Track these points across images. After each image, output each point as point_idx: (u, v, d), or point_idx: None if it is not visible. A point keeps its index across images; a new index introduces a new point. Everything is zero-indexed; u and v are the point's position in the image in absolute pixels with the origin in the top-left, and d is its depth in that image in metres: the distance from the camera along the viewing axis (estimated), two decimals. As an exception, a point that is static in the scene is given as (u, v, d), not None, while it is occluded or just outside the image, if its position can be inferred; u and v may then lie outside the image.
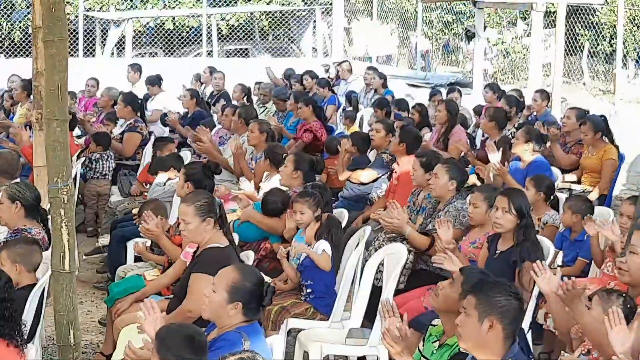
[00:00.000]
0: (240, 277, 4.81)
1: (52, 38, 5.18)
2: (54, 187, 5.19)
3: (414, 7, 24.14)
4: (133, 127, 11.28)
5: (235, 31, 25.03)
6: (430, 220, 7.50)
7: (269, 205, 7.73)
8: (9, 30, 24.11)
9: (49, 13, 5.17)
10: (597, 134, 9.63)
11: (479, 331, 4.20)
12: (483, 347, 4.22)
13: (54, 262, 5.23)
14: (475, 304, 4.23)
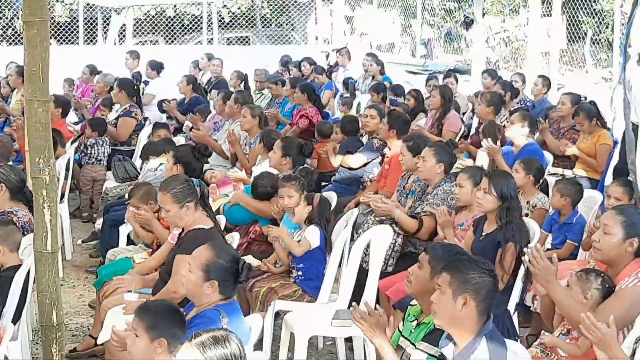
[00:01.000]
0: (214, 255, 4.86)
1: (33, 19, 5.19)
2: (36, 168, 5.18)
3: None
4: (128, 112, 11.30)
5: (237, 19, 25.03)
6: (419, 203, 7.50)
7: (258, 188, 7.74)
8: (11, 18, 24.12)
9: (30, -7, 5.17)
10: (592, 121, 9.64)
11: (452, 308, 4.21)
12: (457, 323, 4.23)
13: (36, 243, 5.23)
14: (449, 281, 4.25)
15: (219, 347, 3.72)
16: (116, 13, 22.80)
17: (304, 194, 7.04)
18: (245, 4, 24.96)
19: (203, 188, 6.35)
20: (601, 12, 23.03)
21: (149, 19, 23.91)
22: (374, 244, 6.61)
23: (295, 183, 7.04)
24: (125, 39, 22.26)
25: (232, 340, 3.76)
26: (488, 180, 6.42)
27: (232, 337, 3.78)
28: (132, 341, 4.33)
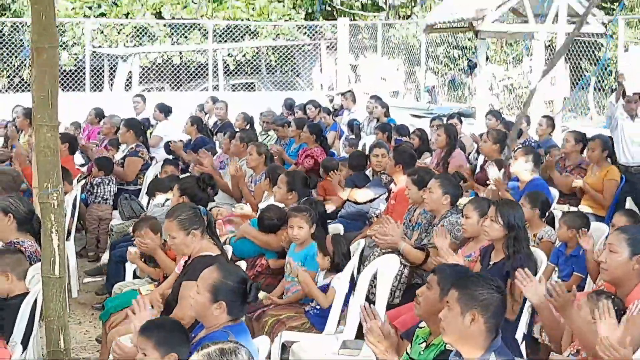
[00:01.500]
0: (221, 276, 4.86)
1: (43, 45, 5.24)
2: (45, 193, 5.22)
3: (419, 42, 24.27)
4: (134, 151, 11.35)
5: (242, 67, 25.22)
6: (425, 235, 7.52)
7: (265, 221, 7.76)
8: (18, 68, 24.33)
9: (40, 20, 5.23)
10: (604, 151, 9.70)
11: (461, 324, 4.21)
12: (466, 340, 4.23)
13: (44, 268, 5.24)
14: (457, 297, 4.25)
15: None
16: (122, 60, 22.98)
17: (313, 226, 7.06)
18: (250, 52, 25.12)
19: (210, 216, 6.38)
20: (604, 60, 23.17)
21: (155, 67, 24.08)
22: (381, 273, 6.61)
23: (305, 214, 7.07)
24: (131, 85, 22.39)
25: (240, 353, 3.74)
26: (495, 209, 6.45)
27: (241, 350, 3.76)
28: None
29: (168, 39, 24.46)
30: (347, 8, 26.57)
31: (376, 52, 24.29)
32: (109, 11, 24.52)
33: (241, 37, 24.88)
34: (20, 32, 23.65)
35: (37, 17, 5.25)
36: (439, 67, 26.09)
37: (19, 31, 23.65)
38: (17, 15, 24.38)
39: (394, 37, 24.89)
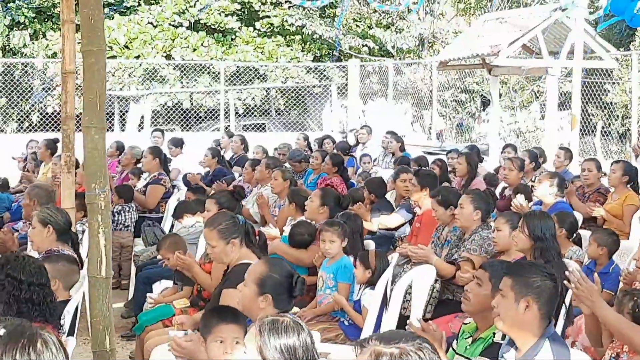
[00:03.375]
0: (268, 270, 4.92)
1: (91, 48, 5.33)
2: (92, 194, 5.27)
3: (427, 87, 24.46)
4: (156, 179, 11.42)
5: (251, 110, 25.40)
6: (455, 250, 7.56)
7: (296, 237, 7.81)
8: (28, 112, 24.49)
9: (88, 24, 5.33)
10: (624, 176, 9.78)
11: (515, 311, 4.25)
12: (520, 327, 4.26)
13: (90, 268, 5.28)
14: (512, 284, 4.29)
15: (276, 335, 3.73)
16: (134, 102, 23.13)
17: (345, 240, 7.11)
18: (259, 95, 25.31)
19: (248, 226, 6.42)
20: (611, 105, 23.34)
21: (164, 110, 24.25)
22: (416, 284, 6.65)
23: (337, 228, 7.12)
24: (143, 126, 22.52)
25: (294, 331, 3.76)
26: (523, 220, 6.52)
27: (297, 328, 3.77)
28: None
29: (178, 83, 24.65)
30: (355, 52, 26.80)
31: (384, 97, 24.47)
32: (120, 53, 24.71)
33: (250, 81, 25.09)
34: (30, 76, 23.84)
35: (85, 20, 5.35)
36: (447, 111, 26.27)
37: (29, 75, 23.84)
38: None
39: (401, 81, 25.10)
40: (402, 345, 2.97)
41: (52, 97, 24.15)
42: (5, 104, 24.10)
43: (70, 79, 8.67)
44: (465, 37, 17.25)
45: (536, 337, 4.23)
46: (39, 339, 2.82)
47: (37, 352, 2.79)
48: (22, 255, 5.13)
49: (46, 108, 24.25)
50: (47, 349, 2.82)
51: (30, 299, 4.84)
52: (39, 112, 24.46)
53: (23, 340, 2.79)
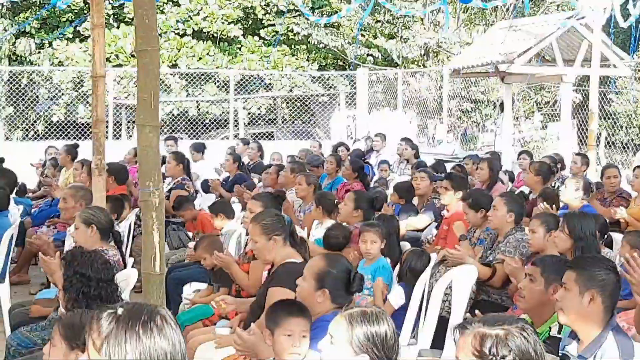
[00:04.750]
0: (326, 265, 5.00)
1: (145, 48, 5.38)
2: (146, 191, 5.31)
3: (432, 96, 24.54)
4: (180, 184, 11.47)
5: (256, 119, 25.47)
6: (490, 252, 7.61)
7: (331, 239, 7.84)
8: (33, 121, 24.54)
9: (143, 24, 5.38)
10: None
11: (579, 304, 4.30)
12: (584, 319, 4.31)
13: (145, 265, 5.31)
14: (576, 278, 4.34)
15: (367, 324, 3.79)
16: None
17: (384, 241, 7.16)
18: (265, 103, 25.38)
19: (294, 227, 6.46)
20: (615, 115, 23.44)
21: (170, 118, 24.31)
22: (457, 283, 6.70)
23: (378, 229, 7.17)
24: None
25: (383, 321, 3.82)
26: (563, 219, 6.59)
27: (384, 317, 3.83)
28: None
29: (184, 92, 24.72)
30: (360, 62, 26.89)
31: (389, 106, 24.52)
32: (126, 62, 24.78)
33: (256, 90, 25.17)
34: (36, 85, 23.89)
35: (140, 21, 5.40)
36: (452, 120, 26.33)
37: (36, 84, 23.89)
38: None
39: (407, 90, 25.16)
40: (506, 326, 3.01)
41: (58, 106, 24.19)
42: (12, 112, 24.12)
43: (100, 83, 8.70)
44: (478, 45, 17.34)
45: (600, 328, 4.29)
46: (158, 315, 2.89)
47: (158, 327, 2.85)
48: (88, 251, 5.17)
49: (51, 117, 24.29)
50: (167, 323, 2.88)
51: (99, 295, 4.90)
52: (44, 121, 24.51)
53: (143, 317, 2.86)
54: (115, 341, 2.81)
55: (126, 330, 2.83)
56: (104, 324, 2.87)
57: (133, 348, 2.80)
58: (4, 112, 23.99)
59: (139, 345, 2.81)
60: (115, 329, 2.84)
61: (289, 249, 6.24)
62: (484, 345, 3.01)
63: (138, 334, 2.82)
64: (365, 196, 8.67)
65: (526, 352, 3.00)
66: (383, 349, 3.74)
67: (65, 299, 5.05)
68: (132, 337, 2.82)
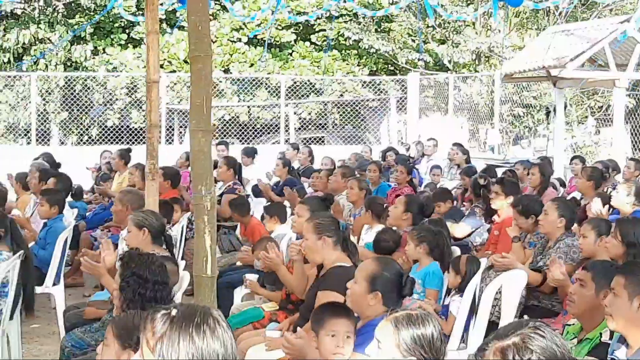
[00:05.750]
0: (379, 268, 5.05)
1: (199, 54, 5.47)
2: (198, 195, 5.40)
3: (484, 100, 24.44)
4: (231, 189, 11.57)
5: (307, 124, 25.55)
6: (540, 257, 7.59)
7: (381, 243, 7.88)
8: (87, 127, 24.83)
9: (196, 31, 5.47)
10: None
11: (629, 310, 4.28)
12: (634, 325, 4.29)
13: (196, 267, 5.40)
14: (625, 283, 4.33)
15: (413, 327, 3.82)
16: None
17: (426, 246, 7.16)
18: (315, 109, 25.45)
19: (348, 232, 6.52)
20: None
21: (222, 123, 24.46)
22: (506, 288, 6.70)
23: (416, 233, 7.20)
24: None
25: (429, 322, 3.85)
26: (615, 225, 6.55)
27: (430, 319, 3.86)
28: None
29: (235, 97, 24.87)
30: (411, 67, 26.88)
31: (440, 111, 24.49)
32: (179, 68, 25.00)
33: (306, 95, 25.26)
34: (90, 91, 24.17)
35: (193, 27, 5.49)
36: (504, 125, 26.19)
37: (90, 90, 24.17)
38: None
39: (458, 95, 25.09)
40: (519, 331, 3.02)
41: (112, 111, 24.46)
42: (67, 117, 24.44)
43: (154, 89, 8.82)
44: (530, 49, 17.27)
45: (649, 334, 4.28)
46: (211, 316, 2.95)
47: (211, 328, 2.91)
48: (144, 253, 5.27)
49: (106, 122, 24.57)
50: (219, 325, 2.94)
51: (154, 297, 4.99)
52: (98, 126, 24.79)
53: (196, 318, 2.92)
54: (169, 341, 2.88)
55: (180, 331, 2.89)
56: (158, 324, 2.94)
57: (186, 348, 2.86)
58: (59, 117, 24.26)
59: (192, 346, 2.87)
60: (169, 329, 2.90)
61: (339, 253, 6.29)
62: (506, 356, 3.01)
63: (191, 334, 2.88)
64: (416, 200, 8.71)
65: (547, 348, 2.99)
66: (430, 350, 3.77)
67: (121, 299, 5.14)
68: (186, 337, 2.87)
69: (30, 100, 22.47)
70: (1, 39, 24.40)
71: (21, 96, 23.23)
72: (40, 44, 24.65)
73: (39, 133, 22.63)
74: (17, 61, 24.66)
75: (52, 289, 8.92)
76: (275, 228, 9.28)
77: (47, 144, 23.06)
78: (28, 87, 22.45)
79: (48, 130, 23.80)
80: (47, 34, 24.56)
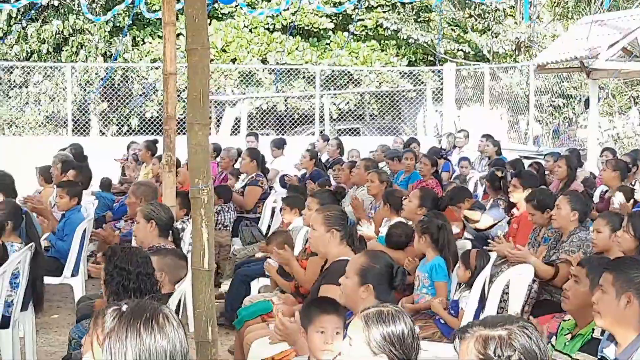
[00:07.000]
0: (369, 260, 5.05)
1: (195, 47, 5.45)
2: (195, 188, 5.40)
3: (523, 91, 24.22)
4: (254, 180, 11.59)
5: (345, 115, 25.50)
6: (554, 251, 7.51)
7: (393, 237, 7.84)
8: (127, 117, 25.00)
9: (192, 23, 5.46)
10: None
11: (616, 307, 4.22)
12: (621, 322, 4.23)
13: (194, 260, 5.40)
14: (613, 280, 4.27)
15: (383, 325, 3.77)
16: (230, 106, 23.44)
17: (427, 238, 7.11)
18: (353, 99, 25.39)
19: (355, 229, 6.51)
20: None
21: (259, 114, 24.49)
22: (513, 283, 6.64)
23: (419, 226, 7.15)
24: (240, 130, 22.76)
25: (400, 320, 3.79)
26: (627, 220, 6.46)
27: (401, 316, 3.81)
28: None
29: (273, 86, 24.89)
30: (450, 57, 26.71)
31: (479, 102, 24.31)
32: (217, 56, 25.06)
33: (344, 85, 25.21)
34: (129, 82, 24.32)
35: (189, 20, 5.48)
36: (544, 116, 25.97)
37: (129, 81, 24.32)
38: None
39: (497, 85, 24.90)
40: (508, 326, 2.98)
41: (151, 102, 24.59)
42: (106, 108, 24.62)
43: (171, 81, 8.88)
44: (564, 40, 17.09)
45: (637, 332, 4.21)
46: (161, 313, 2.94)
47: (160, 325, 2.90)
48: (128, 246, 5.30)
49: (145, 113, 24.71)
50: (168, 322, 2.92)
51: (138, 288, 5.04)
52: (138, 117, 24.95)
53: (146, 314, 2.91)
54: (117, 337, 2.87)
55: (127, 327, 2.88)
56: (108, 319, 2.93)
57: (133, 345, 2.85)
58: (98, 108, 24.46)
59: (140, 343, 2.85)
60: (118, 325, 2.89)
61: (345, 248, 6.29)
62: (487, 347, 2.97)
63: (139, 331, 2.87)
64: (430, 194, 8.63)
65: (531, 350, 2.96)
66: (401, 347, 3.73)
67: (106, 292, 5.20)
68: (133, 334, 2.86)
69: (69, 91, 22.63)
70: (40, 30, 24.62)
71: (61, 87, 23.43)
72: (79, 35, 24.84)
73: (79, 124, 22.80)
74: (55, 52, 24.90)
75: (70, 280, 8.99)
76: (293, 220, 9.24)
77: (87, 134, 23.24)
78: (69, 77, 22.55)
79: (88, 121, 23.98)
80: (86, 24, 24.74)
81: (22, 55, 24.86)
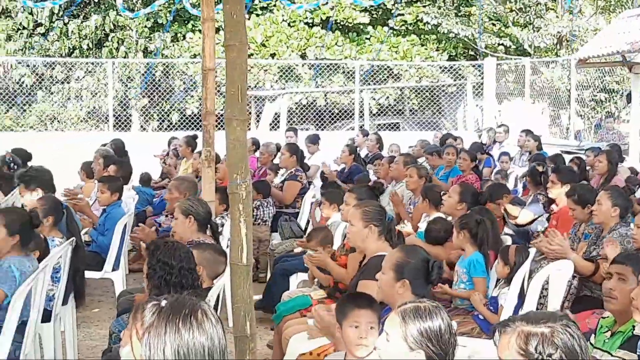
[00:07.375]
0: (404, 255, 5.04)
1: (233, 43, 5.46)
2: (233, 184, 5.40)
3: (565, 85, 24.04)
4: (293, 175, 11.62)
5: (385, 110, 25.45)
6: (594, 247, 7.45)
7: (432, 233, 7.82)
8: (168, 112, 25.11)
9: (230, 19, 5.47)
10: None
11: None
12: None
13: (232, 256, 5.41)
14: None
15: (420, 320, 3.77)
16: (269, 102, 23.49)
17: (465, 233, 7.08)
18: (393, 94, 25.33)
19: (393, 225, 6.49)
20: None
21: (299, 108, 24.51)
22: (553, 279, 6.59)
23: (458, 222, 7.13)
24: (279, 125, 22.81)
25: (437, 315, 3.79)
26: None
27: (438, 312, 3.81)
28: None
29: (312, 82, 24.90)
30: (491, 51, 26.56)
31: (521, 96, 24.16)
32: (257, 51, 25.11)
33: (384, 80, 25.15)
34: (170, 77, 24.43)
35: (227, 16, 5.48)
36: (585, 111, 25.77)
37: (169, 76, 24.43)
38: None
39: (538, 80, 24.74)
40: (550, 324, 2.97)
41: (192, 98, 24.69)
42: (147, 103, 24.76)
43: (210, 76, 8.92)
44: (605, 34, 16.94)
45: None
46: (199, 310, 2.96)
47: (199, 321, 2.92)
48: (171, 240, 5.33)
49: (185, 109, 24.82)
50: (207, 319, 2.95)
51: (180, 282, 5.08)
52: (178, 112, 25.06)
53: (185, 310, 2.93)
54: (156, 332, 2.89)
55: (167, 322, 2.90)
56: (147, 314, 2.96)
57: (172, 340, 2.87)
58: (139, 104, 24.61)
59: (178, 338, 2.88)
60: (157, 320, 2.92)
61: (383, 243, 6.28)
62: (529, 343, 2.96)
63: (178, 326, 2.89)
64: (470, 190, 8.59)
65: (572, 348, 2.95)
66: (438, 343, 3.73)
67: (148, 286, 5.24)
68: (172, 329, 2.89)
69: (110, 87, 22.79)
70: (81, 26, 24.81)
71: (102, 83, 23.60)
72: (120, 31, 25.00)
73: (120, 119, 22.96)
74: (96, 48, 25.09)
75: (111, 274, 9.06)
76: (332, 215, 9.24)
77: (128, 129, 23.40)
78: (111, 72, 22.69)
79: (129, 116, 24.13)
80: (126, 21, 24.90)
81: (63, 51, 25.10)
